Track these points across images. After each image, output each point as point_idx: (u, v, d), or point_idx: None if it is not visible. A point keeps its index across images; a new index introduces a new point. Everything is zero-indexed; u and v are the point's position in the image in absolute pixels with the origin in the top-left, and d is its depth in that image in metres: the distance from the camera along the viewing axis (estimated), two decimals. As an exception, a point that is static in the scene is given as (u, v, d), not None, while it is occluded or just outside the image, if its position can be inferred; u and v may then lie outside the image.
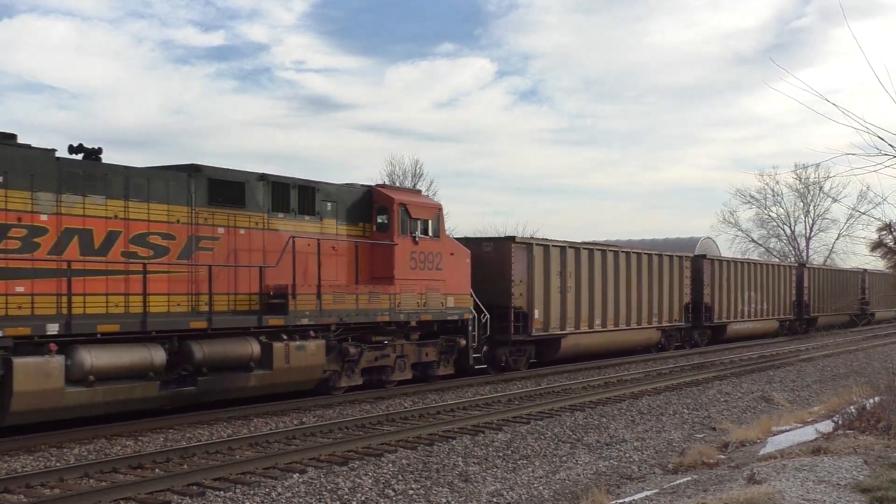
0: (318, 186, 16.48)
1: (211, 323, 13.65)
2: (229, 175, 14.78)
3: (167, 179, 13.82)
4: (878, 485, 8.15)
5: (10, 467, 10.22)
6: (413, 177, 72.42)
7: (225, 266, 14.39)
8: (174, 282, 13.75)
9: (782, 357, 27.59)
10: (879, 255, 52.47)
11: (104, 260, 12.81)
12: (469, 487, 10.44)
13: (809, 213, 69.10)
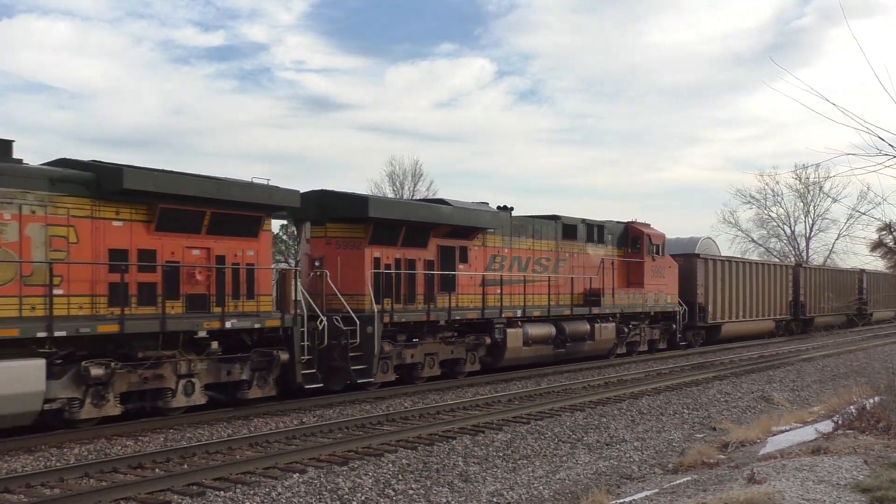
0: (605, 224, 25.44)
1: (571, 311, 23.05)
2: (571, 221, 23.90)
3: (546, 225, 22.99)
4: (878, 485, 8.16)
5: (11, 467, 10.23)
6: (413, 177, 72.49)
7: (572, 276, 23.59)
8: (552, 286, 22.63)
9: (782, 357, 27.59)
10: (879, 255, 52.46)
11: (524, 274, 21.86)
12: (469, 487, 10.45)
13: (809, 213, 69.13)
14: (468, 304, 19.76)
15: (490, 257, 20.75)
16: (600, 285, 24.26)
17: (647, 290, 26.42)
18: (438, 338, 18.85)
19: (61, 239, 12.36)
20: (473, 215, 19.71)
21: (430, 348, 18.60)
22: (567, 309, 22.80)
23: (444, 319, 18.76)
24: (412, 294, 18.42)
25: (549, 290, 22.34)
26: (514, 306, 21.01)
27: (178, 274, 13.77)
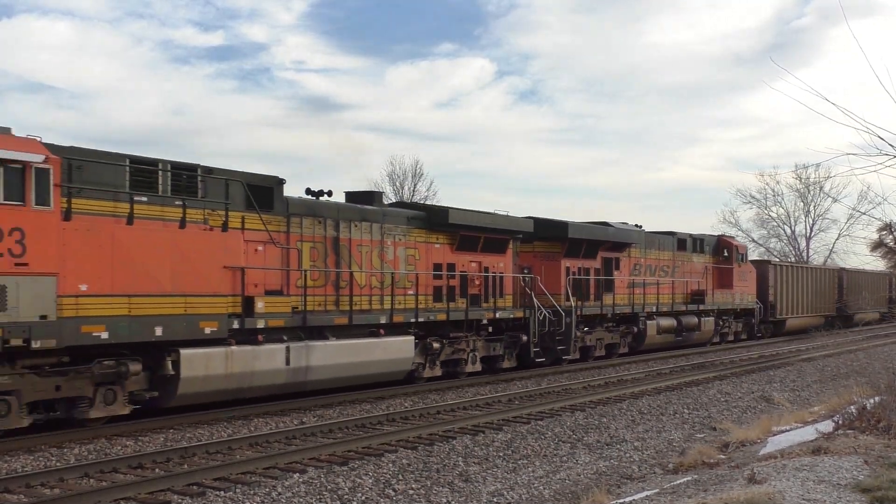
0: (704, 237, 31.79)
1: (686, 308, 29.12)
2: (682, 235, 29.97)
3: (666, 239, 28.86)
4: (878, 485, 8.16)
5: (11, 467, 10.22)
6: (413, 177, 72.48)
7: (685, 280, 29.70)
8: (672, 288, 28.67)
9: (782, 357, 27.58)
10: (880, 254, 52.29)
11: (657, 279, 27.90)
12: (469, 487, 10.44)
13: (810, 213, 69.09)
14: (620, 301, 25.78)
15: (633, 265, 26.84)
16: (703, 287, 30.63)
17: (734, 290, 32.81)
18: (604, 327, 24.99)
19: (412, 257, 18.59)
20: (626, 234, 26.35)
21: (598, 334, 24.90)
22: (683, 306, 29.09)
23: (609, 313, 25.13)
24: (587, 294, 24.50)
25: (671, 291, 28.69)
26: (649, 303, 27.03)
27: (466, 280, 19.81)
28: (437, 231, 19.14)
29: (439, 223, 19.13)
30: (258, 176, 15.10)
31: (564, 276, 23.34)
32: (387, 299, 17.51)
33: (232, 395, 14.12)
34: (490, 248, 20.56)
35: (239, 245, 14.14)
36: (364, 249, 17.33)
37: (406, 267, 18.24)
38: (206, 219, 13.71)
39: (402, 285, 17.97)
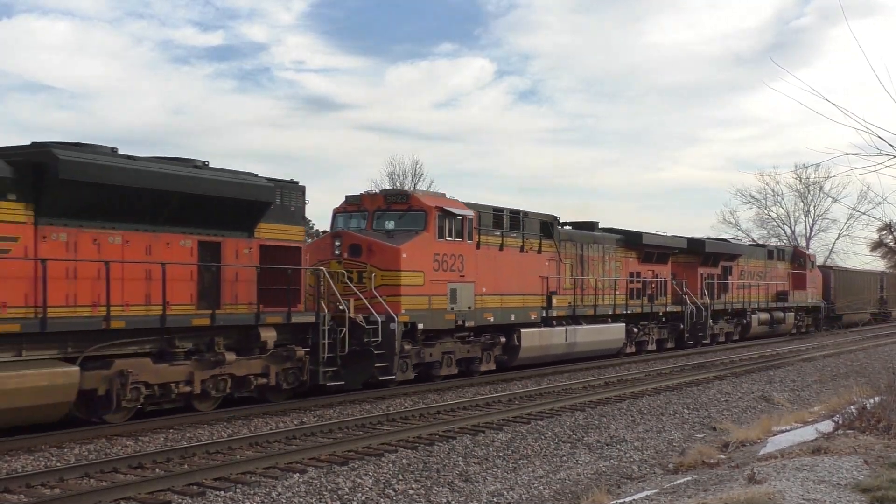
0: (784, 248, 39.94)
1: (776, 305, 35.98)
2: (770, 247, 39.30)
3: (760, 250, 36.95)
4: (878, 484, 8.16)
5: (11, 467, 10.22)
6: (413, 177, 72.40)
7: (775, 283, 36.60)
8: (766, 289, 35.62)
9: (782, 357, 27.58)
10: (880, 255, 52.54)
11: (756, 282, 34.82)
12: (469, 487, 10.44)
13: (809, 213, 69.10)
14: (734, 300, 32.94)
15: (741, 272, 33.75)
16: (785, 289, 37.52)
17: (807, 291, 39.61)
18: (724, 319, 32.19)
19: (618, 267, 25.77)
20: (738, 247, 35.42)
21: (721, 325, 31.99)
22: (773, 303, 36.12)
23: (729, 308, 32.43)
24: (713, 294, 30.99)
25: (765, 292, 35.77)
26: (751, 301, 34.28)
27: (646, 284, 27.03)
28: (631, 248, 26.71)
29: (633, 243, 26.72)
30: (546, 215, 22.51)
31: (700, 281, 30.33)
32: (608, 297, 25.04)
33: (541, 361, 21.85)
34: (659, 261, 28.14)
35: (543, 262, 22.06)
36: (595, 263, 24.72)
37: (615, 274, 25.54)
38: (523, 245, 21.22)
39: (614, 288, 25.40)
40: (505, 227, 20.38)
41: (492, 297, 19.62)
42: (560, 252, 22.65)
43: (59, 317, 11.74)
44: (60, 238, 12.06)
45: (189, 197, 13.38)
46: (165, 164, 13.43)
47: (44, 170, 11.68)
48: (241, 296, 14.50)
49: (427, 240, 17.84)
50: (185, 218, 13.55)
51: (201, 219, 13.79)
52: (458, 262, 18.61)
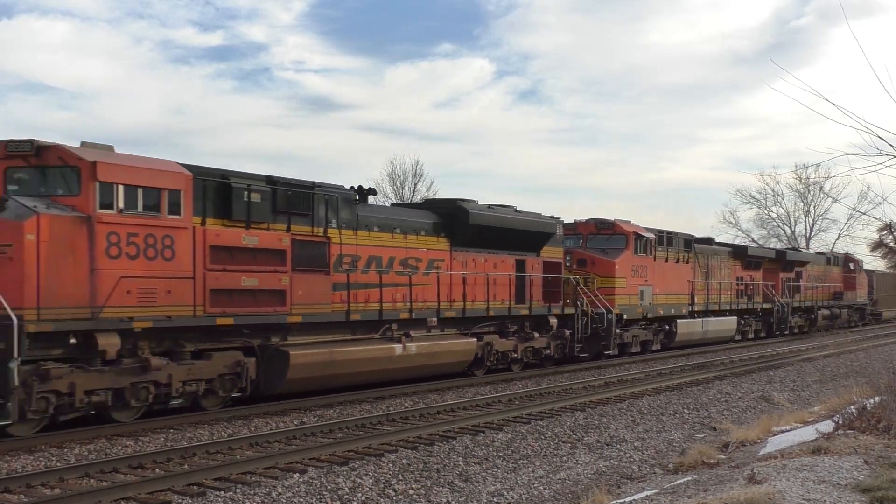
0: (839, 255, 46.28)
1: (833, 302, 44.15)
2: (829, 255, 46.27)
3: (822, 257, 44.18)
4: (878, 485, 8.16)
5: (11, 467, 10.22)
6: (413, 177, 72.41)
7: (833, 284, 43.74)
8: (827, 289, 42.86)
9: (782, 357, 27.58)
10: (880, 255, 52.59)
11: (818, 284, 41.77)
12: (469, 487, 10.44)
13: (810, 213, 69.21)
14: (804, 299, 39.52)
15: (808, 275, 40.20)
16: (840, 289, 44.10)
17: (856, 291, 46.74)
18: (797, 315, 38.51)
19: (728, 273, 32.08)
20: (808, 255, 42.99)
21: (795, 319, 38.00)
22: (831, 302, 43.00)
23: (801, 306, 39.18)
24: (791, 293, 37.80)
25: (825, 292, 42.24)
26: (816, 300, 41.13)
27: (746, 286, 33.91)
28: (737, 258, 33.86)
29: (739, 254, 34.42)
30: (687, 234, 29.34)
31: (781, 284, 36.85)
32: (725, 296, 32.09)
33: (688, 343, 28.77)
34: (755, 267, 35.31)
35: (688, 270, 28.98)
36: (715, 270, 31.35)
37: (728, 279, 32.55)
38: (678, 258, 28.17)
39: (728, 289, 32.35)
40: (665, 244, 27.55)
41: (661, 296, 26.89)
42: (696, 262, 29.79)
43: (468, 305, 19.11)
44: (461, 259, 19.26)
45: (516, 231, 20.56)
46: (502, 209, 20.60)
47: (459, 218, 18.93)
48: (535, 295, 21.43)
49: (628, 255, 25.14)
50: (511, 244, 20.51)
51: (518, 244, 20.80)
52: (644, 271, 25.86)
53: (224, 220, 13.79)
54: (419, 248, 18.10)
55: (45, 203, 11.59)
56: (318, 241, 15.18)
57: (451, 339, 18.61)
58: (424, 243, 18.29)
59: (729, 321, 31.81)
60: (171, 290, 12.76)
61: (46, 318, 11.25)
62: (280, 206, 14.64)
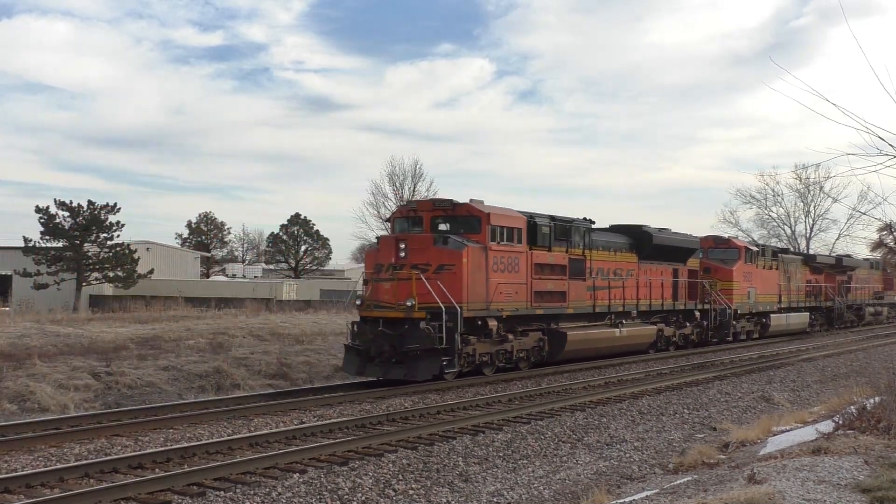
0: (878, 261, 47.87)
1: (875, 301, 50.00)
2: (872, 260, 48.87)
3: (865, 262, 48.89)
4: (878, 485, 8.16)
5: (10, 467, 10.22)
6: (413, 177, 72.41)
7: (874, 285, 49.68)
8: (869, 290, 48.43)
9: (782, 357, 27.57)
10: (880, 255, 52.96)
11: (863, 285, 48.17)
12: (469, 487, 10.45)
13: (810, 213, 69.31)
14: (854, 297, 45.13)
15: (856, 277, 45.46)
16: (881, 290, 50.15)
17: (894, 291, 52.65)
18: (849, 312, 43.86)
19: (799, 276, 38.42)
20: (858, 261, 47.23)
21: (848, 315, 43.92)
22: (874, 300, 48.78)
23: (853, 305, 44.67)
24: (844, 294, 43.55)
25: (868, 292, 47.63)
26: (863, 299, 46.85)
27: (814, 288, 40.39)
28: (806, 264, 40.32)
29: (808, 261, 41.27)
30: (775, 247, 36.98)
31: (838, 285, 42.97)
32: (799, 296, 38.44)
33: (777, 333, 35.29)
34: (819, 272, 41.44)
35: (776, 275, 35.37)
36: (792, 274, 37.55)
37: (801, 282, 38.61)
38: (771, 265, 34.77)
39: (800, 290, 38.58)
40: (762, 255, 34.35)
41: (761, 296, 33.57)
42: (781, 269, 36.22)
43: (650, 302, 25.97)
44: (644, 269, 25.50)
45: (676, 248, 27.35)
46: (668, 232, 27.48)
47: (643, 239, 25.57)
48: (683, 295, 28.06)
49: (741, 265, 31.81)
50: (671, 257, 27.17)
51: (675, 257, 27.43)
52: (750, 277, 32.63)
53: (534, 246, 20.28)
54: (621, 261, 24.57)
55: (465, 239, 18.23)
56: (579, 258, 22.07)
57: (642, 326, 25.60)
58: (624, 258, 24.79)
59: (803, 316, 38.56)
60: (518, 292, 19.51)
61: (470, 309, 18.00)
62: (558, 236, 21.21)
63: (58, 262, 51.18)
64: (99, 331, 24.83)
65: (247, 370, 20.26)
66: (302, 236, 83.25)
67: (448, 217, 18.83)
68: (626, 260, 24.84)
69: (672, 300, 27.27)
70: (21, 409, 15.28)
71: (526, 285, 19.68)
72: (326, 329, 28.36)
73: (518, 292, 19.39)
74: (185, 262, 73.14)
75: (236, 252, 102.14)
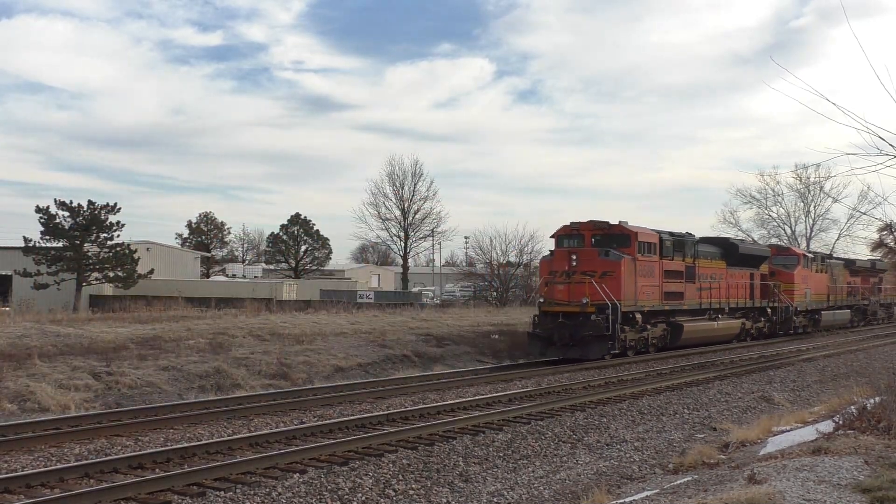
0: None
1: None
2: None
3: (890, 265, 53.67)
4: (878, 485, 8.15)
5: (10, 467, 10.22)
6: (413, 176, 72.34)
7: None
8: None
9: (783, 357, 27.56)
10: (880, 255, 52.80)
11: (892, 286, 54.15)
12: (469, 487, 10.44)
13: (810, 213, 69.35)
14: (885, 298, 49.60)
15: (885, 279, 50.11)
16: None
17: None
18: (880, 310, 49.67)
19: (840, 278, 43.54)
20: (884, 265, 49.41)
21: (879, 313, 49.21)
22: None
23: (883, 303, 49.25)
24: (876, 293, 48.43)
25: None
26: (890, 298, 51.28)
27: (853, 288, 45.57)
28: (847, 268, 44.26)
29: (849, 265, 45.21)
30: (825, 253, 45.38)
31: (872, 286, 48.04)
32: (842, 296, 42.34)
33: (826, 327, 39.69)
34: (856, 275, 45.39)
35: (825, 277, 39.90)
36: (836, 277, 41.73)
37: (842, 283, 42.78)
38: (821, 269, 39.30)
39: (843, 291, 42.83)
40: (815, 260, 39.11)
41: (814, 296, 38.41)
42: (828, 272, 40.63)
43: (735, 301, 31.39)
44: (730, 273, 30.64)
45: (754, 256, 33.23)
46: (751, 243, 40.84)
47: (730, 249, 31.39)
48: (757, 295, 33.13)
49: (800, 269, 36.73)
50: (749, 263, 32.64)
51: (751, 263, 32.82)
52: (807, 279, 37.52)
53: (662, 257, 25.93)
54: (715, 267, 29.89)
55: (620, 252, 23.90)
56: (690, 265, 27.62)
57: (731, 320, 31.05)
58: (718, 265, 30.20)
59: (845, 313, 43.50)
60: (653, 292, 25.39)
61: (625, 305, 23.76)
62: (676, 248, 26.77)
63: (58, 262, 51.18)
64: (99, 331, 24.81)
65: (247, 370, 20.26)
66: (302, 236, 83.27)
67: (604, 235, 24.33)
68: (719, 266, 30.35)
69: (750, 299, 32.77)
70: (21, 409, 15.28)
71: (658, 287, 25.71)
72: (326, 329, 28.35)
73: (653, 293, 25.44)
74: (185, 262, 73.17)
75: (236, 252, 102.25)
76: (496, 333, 30.55)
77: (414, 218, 70.66)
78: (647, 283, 24.85)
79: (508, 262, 58.75)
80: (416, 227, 71.35)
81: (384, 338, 26.76)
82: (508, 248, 58.83)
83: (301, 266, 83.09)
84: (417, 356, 25.28)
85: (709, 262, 29.45)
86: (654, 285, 25.35)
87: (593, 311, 23.00)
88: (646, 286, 24.81)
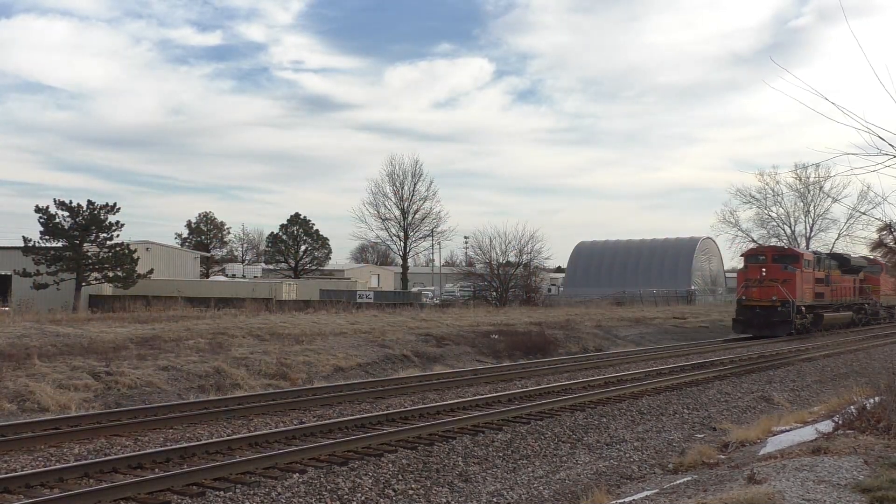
0: None
1: None
2: None
3: None
4: (878, 485, 8.15)
5: (10, 467, 10.22)
6: (413, 176, 72.35)
7: None
8: None
9: (782, 357, 27.56)
10: (880, 255, 52.85)
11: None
12: (469, 487, 10.45)
13: (810, 213, 69.39)
14: None
15: None
16: None
17: None
18: None
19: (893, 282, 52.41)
20: None
21: None
22: None
23: None
24: None
25: None
26: None
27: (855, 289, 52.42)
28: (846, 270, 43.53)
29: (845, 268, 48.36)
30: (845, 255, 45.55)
31: None
32: None
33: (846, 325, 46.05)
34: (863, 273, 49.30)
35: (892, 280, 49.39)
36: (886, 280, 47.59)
37: None
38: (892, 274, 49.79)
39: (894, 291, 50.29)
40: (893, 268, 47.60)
41: (891, 295, 47.56)
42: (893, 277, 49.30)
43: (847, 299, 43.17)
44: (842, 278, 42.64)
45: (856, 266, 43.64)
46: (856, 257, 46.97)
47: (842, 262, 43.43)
48: (857, 294, 43.49)
49: (883, 275, 46.27)
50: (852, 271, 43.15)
51: (854, 271, 43.37)
52: (886, 283, 46.59)
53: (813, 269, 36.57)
54: (835, 275, 40.38)
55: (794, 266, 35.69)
56: (827, 274, 38.87)
57: (847, 312, 41.65)
58: (837, 273, 40.88)
59: None
60: (809, 293, 36.81)
61: (798, 302, 35.16)
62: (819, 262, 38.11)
63: (57, 262, 51.20)
64: (98, 331, 24.81)
65: (246, 370, 20.27)
66: (301, 236, 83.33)
67: (781, 254, 37.28)
68: (838, 274, 41.37)
69: (854, 297, 43.51)
70: (21, 409, 15.28)
71: (812, 289, 37.20)
72: (326, 329, 28.36)
73: (809, 293, 36.81)
74: (185, 262, 73.20)
75: (236, 252, 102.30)
76: (496, 333, 30.59)
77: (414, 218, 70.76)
78: (807, 287, 36.78)
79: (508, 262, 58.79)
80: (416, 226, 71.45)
81: (384, 338, 26.77)
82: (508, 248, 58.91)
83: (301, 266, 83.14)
84: (417, 356, 25.29)
85: (833, 271, 40.93)
86: (810, 288, 37.23)
87: (779, 305, 34.89)
88: (807, 289, 36.76)
